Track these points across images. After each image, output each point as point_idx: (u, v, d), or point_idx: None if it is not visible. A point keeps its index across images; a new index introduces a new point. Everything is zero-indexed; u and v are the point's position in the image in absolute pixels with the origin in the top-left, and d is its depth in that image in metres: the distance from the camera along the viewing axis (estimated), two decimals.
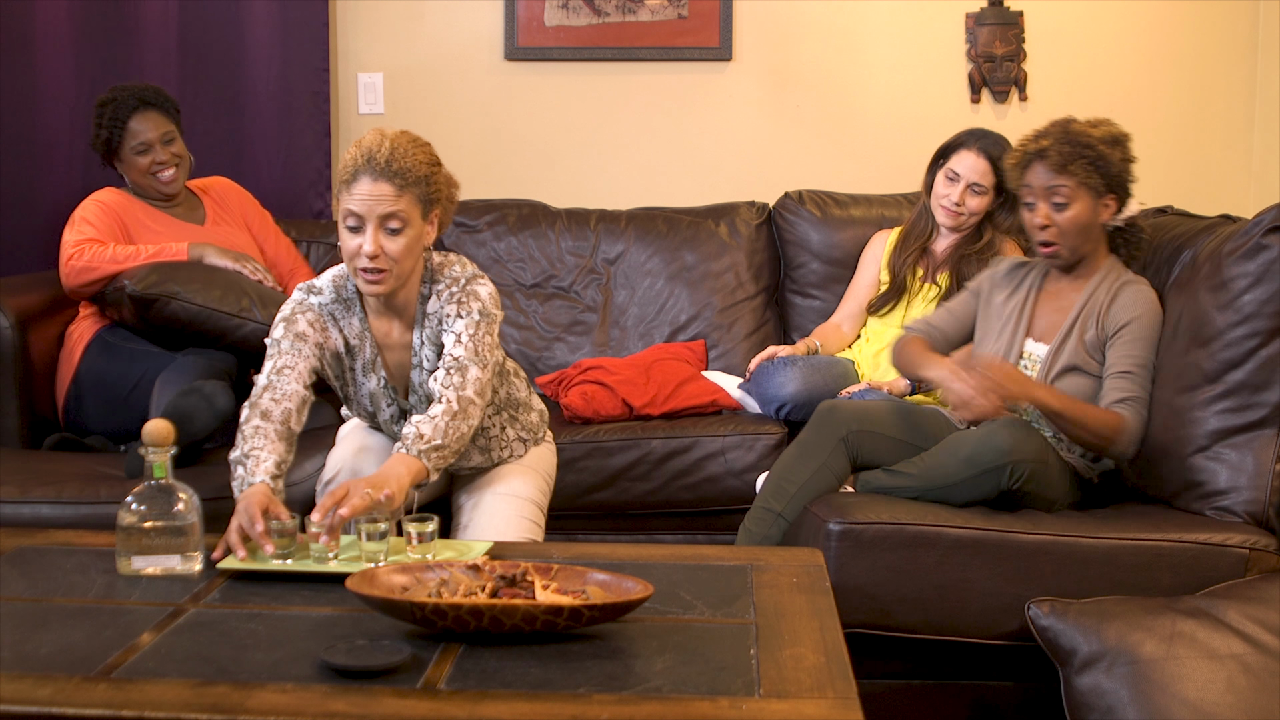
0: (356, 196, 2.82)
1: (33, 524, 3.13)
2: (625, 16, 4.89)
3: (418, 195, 2.87)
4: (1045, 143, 3.22)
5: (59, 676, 1.94)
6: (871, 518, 2.95)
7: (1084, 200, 3.20)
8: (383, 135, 2.87)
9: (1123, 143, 3.23)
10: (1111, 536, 2.90)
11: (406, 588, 2.21)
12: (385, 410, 3.07)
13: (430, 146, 2.96)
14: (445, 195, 3.00)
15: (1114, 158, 3.20)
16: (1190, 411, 3.02)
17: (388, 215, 2.82)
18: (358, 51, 4.96)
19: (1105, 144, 3.19)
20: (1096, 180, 3.19)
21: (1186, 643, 2.57)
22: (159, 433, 2.44)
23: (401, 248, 2.84)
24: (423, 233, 2.91)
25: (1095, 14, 4.90)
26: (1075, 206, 3.20)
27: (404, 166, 2.83)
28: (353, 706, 1.84)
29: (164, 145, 4.06)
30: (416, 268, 2.96)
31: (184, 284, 3.69)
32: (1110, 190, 3.22)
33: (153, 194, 4.09)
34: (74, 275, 3.82)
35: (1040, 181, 3.22)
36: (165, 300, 3.67)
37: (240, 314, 3.72)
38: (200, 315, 3.69)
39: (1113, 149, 3.20)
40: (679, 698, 1.87)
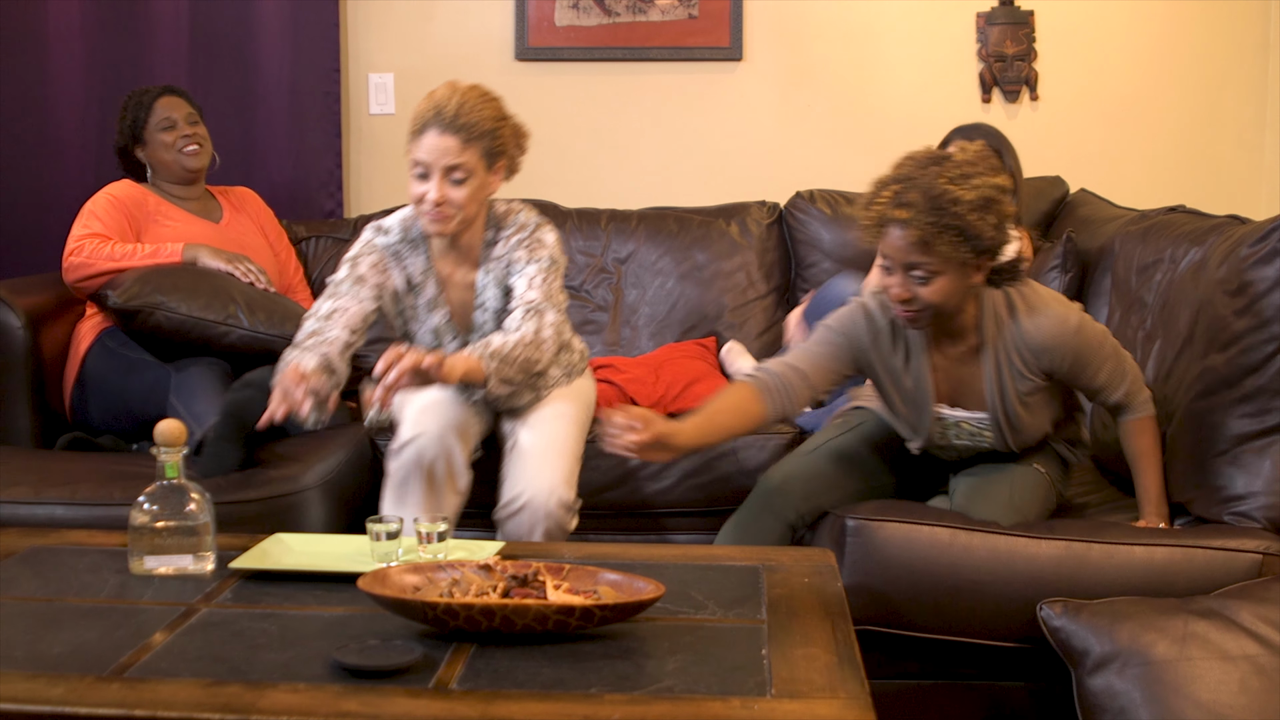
0: (424, 147, 3.06)
1: (46, 525, 3.14)
2: (636, 16, 4.89)
3: (482, 149, 3.08)
4: (905, 214, 2.76)
5: (71, 676, 1.94)
6: (887, 515, 2.94)
7: (950, 274, 2.81)
8: (454, 89, 3.09)
9: (997, 202, 2.78)
10: (1125, 542, 2.89)
11: (418, 588, 2.21)
12: (449, 345, 3.27)
13: (500, 101, 3.16)
14: (512, 147, 3.19)
15: (985, 226, 2.75)
16: (1208, 416, 3.00)
17: (452, 167, 3.05)
18: (368, 52, 4.96)
19: (976, 210, 2.74)
20: (965, 253, 2.78)
21: (1199, 644, 2.56)
22: (171, 432, 2.45)
23: (465, 196, 3.07)
24: (486, 182, 3.13)
25: (1106, 13, 4.90)
26: (939, 281, 2.81)
27: (470, 121, 3.05)
28: (365, 706, 1.84)
29: (189, 124, 4.12)
30: (481, 212, 3.19)
31: (168, 293, 3.69)
32: (980, 255, 2.81)
33: (176, 174, 4.10)
34: (70, 271, 3.84)
35: (898, 256, 2.82)
36: (149, 311, 3.67)
37: (226, 321, 3.72)
38: (185, 324, 3.70)
39: (985, 215, 2.75)
40: (691, 698, 1.87)
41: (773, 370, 3.02)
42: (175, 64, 4.70)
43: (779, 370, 3.02)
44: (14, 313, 3.74)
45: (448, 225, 3.10)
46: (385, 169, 4.98)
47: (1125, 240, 3.54)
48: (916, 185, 2.77)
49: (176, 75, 4.67)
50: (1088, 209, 4.36)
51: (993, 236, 2.78)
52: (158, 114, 4.08)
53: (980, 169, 2.80)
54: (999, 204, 2.78)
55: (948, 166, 2.78)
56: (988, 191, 2.76)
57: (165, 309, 3.68)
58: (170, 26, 4.71)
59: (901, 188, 2.78)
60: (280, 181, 4.82)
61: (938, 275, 2.80)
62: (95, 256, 3.81)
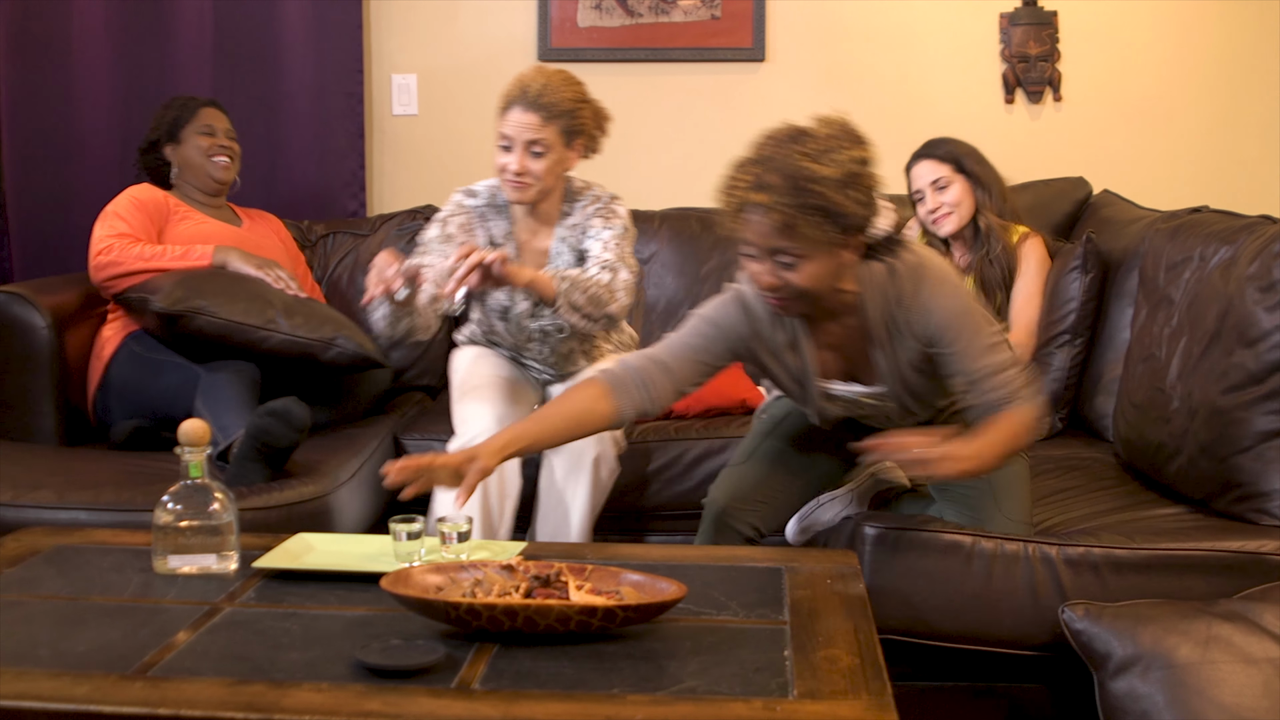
0: (509, 123, 3.43)
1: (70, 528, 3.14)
2: (658, 17, 4.89)
3: (561, 127, 3.43)
4: (765, 197, 2.58)
5: (96, 674, 1.95)
6: (908, 524, 2.94)
7: (818, 256, 2.64)
8: (540, 71, 3.48)
9: (860, 176, 2.61)
10: (1146, 547, 2.88)
11: (441, 588, 2.21)
12: (520, 304, 3.59)
13: (582, 86, 3.52)
14: (592, 126, 3.54)
15: (850, 203, 2.59)
16: (1234, 412, 2.99)
17: (532, 141, 3.41)
18: (391, 53, 4.97)
19: (840, 188, 2.57)
20: (831, 233, 2.60)
21: (1223, 647, 2.55)
22: (195, 432, 2.45)
23: (543, 168, 3.44)
24: (565, 157, 3.49)
25: (1130, 13, 4.88)
26: (808, 265, 2.64)
27: (551, 101, 3.41)
28: (387, 706, 1.85)
29: (226, 137, 4.15)
30: (559, 185, 3.55)
31: (210, 298, 3.68)
32: (849, 233, 2.64)
33: (201, 180, 4.11)
34: (99, 270, 3.83)
35: (762, 241, 2.64)
36: (191, 316, 3.66)
37: (266, 326, 3.71)
38: (227, 329, 3.68)
39: (849, 190, 2.59)
40: (713, 698, 1.87)
41: (631, 364, 2.85)
42: (200, 66, 4.72)
43: (638, 364, 2.85)
44: (39, 312, 3.76)
45: (526, 193, 3.46)
46: (408, 169, 4.99)
47: (1154, 238, 3.53)
48: (775, 165, 2.59)
49: (201, 77, 4.69)
50: (1110, 210, 4.35)
51: (860, 213, 2.62)
52: (201, 120, 4.11)
53: (842, 143, 2.62)
54: (863, 178, 2.61)
55: (807, 143, 2.60)
56: (850, 166, 2.59)
57: (207, 313, 3.67)
58: (194, 28, 4.72)
59: (760, 169, 2.60)
60: (303, 182, 4.83)
61: (805, 259, 2.63)
62: (124, 256, 3.81)
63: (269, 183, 4.81)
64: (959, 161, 4.00)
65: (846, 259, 2.69)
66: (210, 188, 4.13)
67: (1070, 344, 3.89)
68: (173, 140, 4.11)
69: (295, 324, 3.74)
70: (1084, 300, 3.86)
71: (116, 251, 3.81)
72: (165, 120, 4.11)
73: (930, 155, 4.04)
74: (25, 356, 3.76)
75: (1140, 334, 3.44)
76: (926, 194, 4.00)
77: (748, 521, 3.08)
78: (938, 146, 4.05)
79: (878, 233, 2.73)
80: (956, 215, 3.97)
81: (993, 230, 3.96)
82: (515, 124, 3.42)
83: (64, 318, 3.84)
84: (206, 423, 3.31)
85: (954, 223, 3.98)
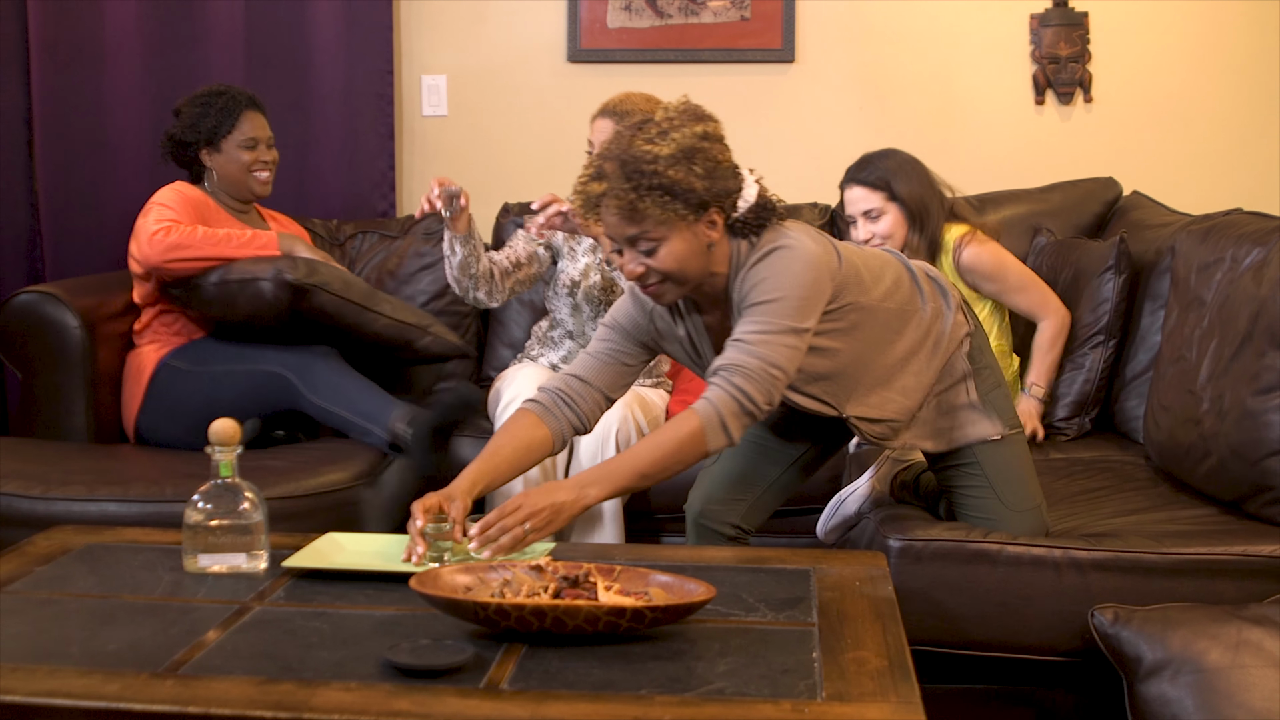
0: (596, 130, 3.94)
1: (99, 522, 3.17)
2: (687, 18, 4.89)
3: None
4: (603, 186, 2.60)
5: (126, 672, 1.96)
6: (932, 535, 2.92)
7: (675, 237, 2.62)
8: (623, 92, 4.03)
9: (701, 151, 2.60)
10: (1175, 551, 2.87)
11: (469, 588, 2.22)
12: (593, 276, 4.01)
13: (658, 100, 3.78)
14: None
15: (693, 178, 2.58)
16: (1265, 415, 2.97)
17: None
18: (421, 53, 4.98)
19: (678, 163, 2.57)
20: (680, 210, 2.59)
21: (1253, 651, 2.54)
22: (225, 431, 2.46)
23: None
24: None
25: (1162, 13, 4.86)
26: (666, 247, 2.62)
27: (626, 110, 3.85)
28: (416, 706, 1.85)
29: (268, 148, 4.08)
30: None
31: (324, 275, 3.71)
32: (700, 209, 2.62)
33: (241, 193, 4.04)
34: (167, 251, 3.69)
35: (616, 231, 2.63)
36: (315, 290, 3.67)
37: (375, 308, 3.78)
38: (343, 309, 3.72)
39: (690, 165, 2.58)
40: (741, 700, 1.87)
41: (550, 387, 2.84)
42: (231, 68, 4.73)
43: (558, 385, 2.84)
44: (71, 312, 3.78)
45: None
46: (438, 170, 4.99)
47: (1185, 240, 3.51)
48: (612, 154, 2.61)
49: (232, 78, 4.70)
50: (1140, 213, 4.33)
51: (705, 187, 2.59)
52: (244, 129, 4.00)
53: (680, 120, 2.63)
54: (704, 151, 2.60)
55: (646, 127, 2.62)
56: (688, 141, 2.59)
57: (329, 290, 3.69)
58: (225, 30, 4.74)
59: (600, 161, 2.62)
60: (333, 183, 4.85)
61: (662, 241, 2.61)
62: (190, 239, 3.71)
63: (299, 183, 4.82)
64: (890, 187, 3.85)
65: (709, 236, 2.65)
66: (247, 198, 4.08)
67: (1103, 345, 3.88)
68: (211, 146, 4.01)
69: (396, 308, 3.79)
70: (1116, 302, 3.85)
71: (180, 233, 3.71)
72: (205, 124, 3.98)
73: (862, 181, 3.90)
74: (57, 356, 3.78)
75: (1171, 336, 3.43)
76: (859, 221, 3.89)
77: (727, 521, 3.07)
78: (869, 170, 3.90)
79: (744, 204, 2.69)
80: (890, 244, 3.87)
81: (936, 243, 3.88)
82: (596, 129, 3.92)
83: (96, 318, 3.85)
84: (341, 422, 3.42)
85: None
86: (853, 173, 3.94)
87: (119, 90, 4.54)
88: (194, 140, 4.01)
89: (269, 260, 3.71)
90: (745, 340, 2.62)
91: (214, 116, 3.98)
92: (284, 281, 3.64)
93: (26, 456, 3.49)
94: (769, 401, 2.61)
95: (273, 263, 3.68)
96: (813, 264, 2.68)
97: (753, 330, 2.62)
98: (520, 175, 4.92)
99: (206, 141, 4.00)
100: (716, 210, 2.64)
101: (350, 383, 3.67)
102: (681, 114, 2.66)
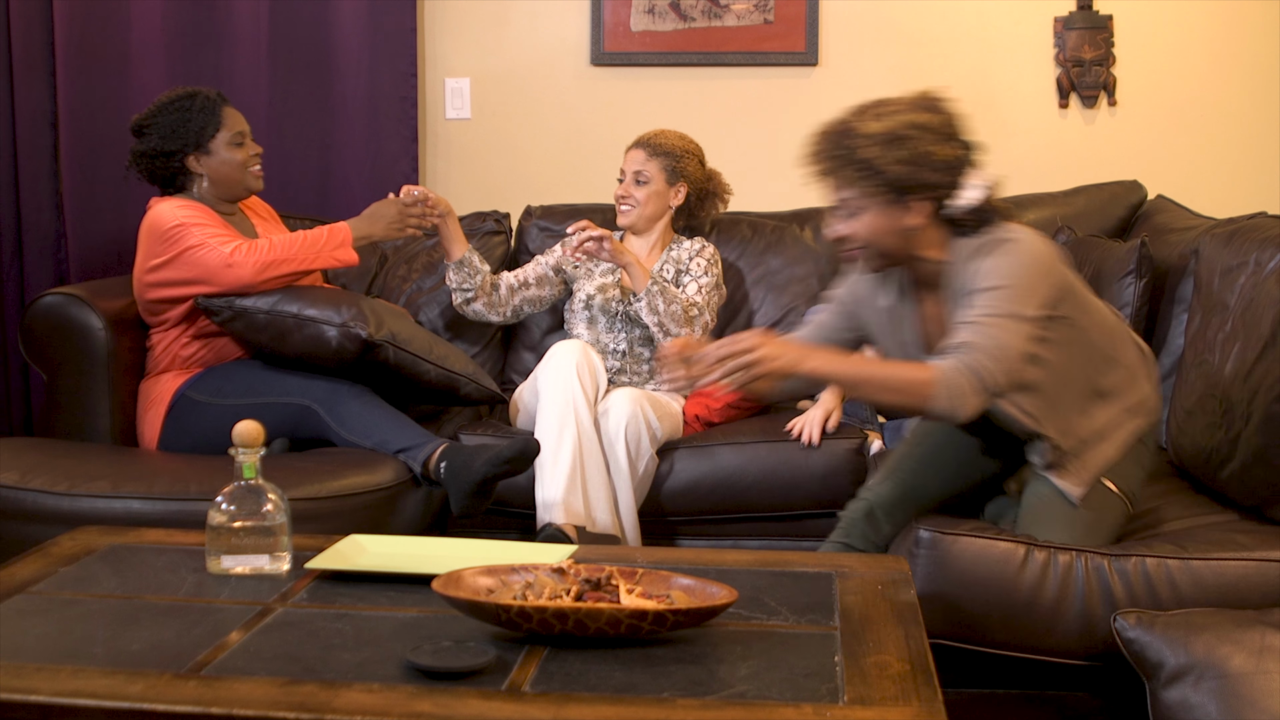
0: (625, 159, 4.22)
1: (124, 519, 3.20)
2: (711, 21, 4.89)
3: (663, 164, 4.19)
4: (811, 155, 2.84)
5: (150, 673, 1.97)
6: (962, 530, 2.92)
7: (873, 211, 2.77)
8: (661, 129, 4.25)
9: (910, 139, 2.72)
10: (1198, 556, 2.86)
11: (492, 590, 2.22)
12: (611, 291, 4.17)
13: (695, 143, 4.29)
14: (698, 176, 4.28)
15: (890, 161, 2.71)
16: None
17: (638, 171, 4.20)
18: (445, 56, 5.00)
19: (879, 144, 2.72)
20: (877, 187, 2.74)
21: (1276, 657, 2.53)
22: (249, 433, 2.47)
23: (644, 195, 4.20)
24: (664, 192, 4.23)
25: (1186, 16, 4.85)
26: (863, 217, 2.77)
27: (659, 142, 4.20)
28: (438, 707, 1.85)
29: (252, 140, 3.96)
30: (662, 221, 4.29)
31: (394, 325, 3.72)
32: (901, 194, 2.74)
33: (235, 192, 3.92)
34: (258, 271, 3.64)
35: (827, 195, 2.84)
36: (387, 346, 3.67)
37: (430, 358, 3.78)
38: (406, 361, 3.73)
39: (890, 149, 2.71)
40: (762, 703, 1.87)
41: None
42: (255, 71, 4.75)
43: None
44: (96, 314, 3.79)
45: (628, 216, 4.22)
46: (461, 174, 5.02)
47: (1209, 243, 3.50)
48: (831, 124, 2.81)
49: (256, 80, 4.73)
50: (1164, 217, 4.31)
51: (905, 173, 2.71)
52: (230, 126, 3.88)
53: (903, 107, 2.77)
54: (912, 139, 2.71)
55: (871, 106, 2.80)
56: (897, 127, 2.72)
57: (397, 343, 3.69)
58: (250, 33, 4.76)
59: (822, 128, 2.82)
60: (357, 185, 4.86)
61: (861, 211, 2.77)
62: (275, 253, 3.67)
63: (322, 186, 4.84)
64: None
65: (909, 220, 2.77)
66: (240, 196, 3.97)
67: None
68: (200, 149, 3.87)
69: (447, 355, 3.84)
70: (1138, 306, 3.83)
71: (264, 250, 3.66)
72: (189, 130, 3.84)
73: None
74: (82, 358, 3.79)
75: (1194, 339, 3.42)
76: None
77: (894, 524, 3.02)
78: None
79: (959, 203, 2.77)
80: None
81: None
82: (629, 159, 4.22)
83: (121, 320, 3.86)
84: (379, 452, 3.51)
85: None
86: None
87: (144, 93, 4.55)
88: (178, 148, 3.86)
89: (332, 304, 3.66)
90: (975, 322, 2.71)
91: (197, 119, 3.85)
92: (355, 335, 3.62)
93: (52, 454, 3.51)
94: (1007, 377, 2.69)
95: (337, 308, 3.64)
96: (1039, 258, 2.78)
97: (980, 313, 2.71)
98: (543, 178, 4.93)
99: (195, 146, 3.86)
100: (919, 199, 2.75)
101: (381, 417, 3.63)
102: (908, 101, 2.79)
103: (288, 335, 3.67)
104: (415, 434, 3.57)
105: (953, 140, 2.76)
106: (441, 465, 3.46)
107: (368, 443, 3.55)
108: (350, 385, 3.69)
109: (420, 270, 4.57)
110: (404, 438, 3.55)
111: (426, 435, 3.59)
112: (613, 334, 4.18)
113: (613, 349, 4.17)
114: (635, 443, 3.71)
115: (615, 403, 3.77)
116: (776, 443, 3.84)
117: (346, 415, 3.62)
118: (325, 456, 3.57)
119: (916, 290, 2.94)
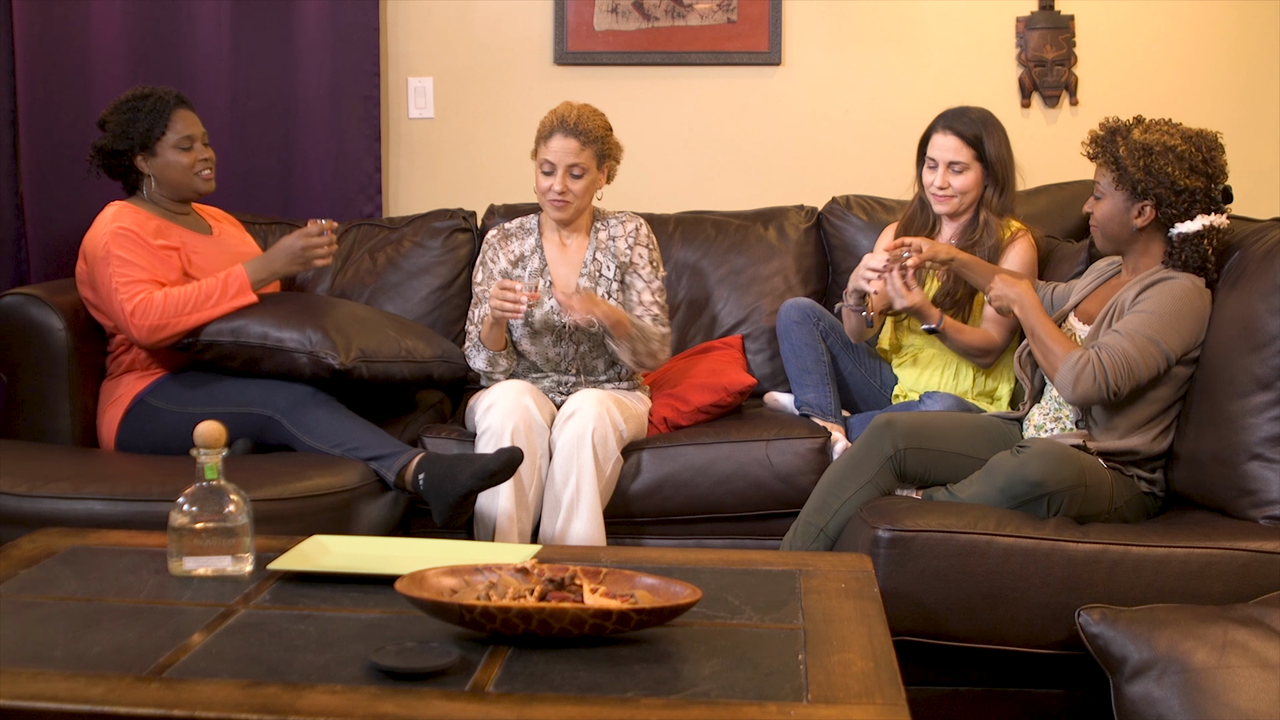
0: (551, 149, 3.89)
1: (85, 520, 3.17)
2: (674, 21, 4.89)
3: (595, 151, 3.92)
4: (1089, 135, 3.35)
5: (111, 675, 1.96)
6: (921, 525, 2.93)
7: (1110, 200, 3.29)
8: (570, 105, 3.95)
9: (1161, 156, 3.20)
10: (1162, 545, 2.89)
11: (455, 590, 2.22)
12: (546, 304, 3.91)
13: (605, 117, 4.00)
14: (616, 153, 4.02)
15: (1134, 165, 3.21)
16: (1243, 418, 2.99)
17: (572, 164, 3.89)
18: (408, 55, 4.98)
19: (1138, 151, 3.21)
20: (1118, 179, 3.25)
21: (1239, 652, 2.55)
22: (211, 434, 2.46)
23: (582, 188, 3.92)
24: (597, 179, 3.97)
25: (1148, 17, 4.87)
26: (1103, 203, 3.31)
27: (588, 128, 3.90)
28: (401, 708, 1.85)
29: (204, 145, 3.94)
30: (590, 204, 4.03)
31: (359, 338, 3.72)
32: (1137, 196, 3.23)
33: (184, 194, 3.92)
34: (151, 333, 3.64)
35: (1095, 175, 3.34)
36: (363, 366, 3.68)
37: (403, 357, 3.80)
38: (387, 371, 3.75)
39: (1143, 157, 3.20)
40: (727, 702, 1.87)
41: None
42: (216, 69, 4.72)
43: None
44: (56, 315, 3.76)
45: (567, 211, 3.93)
46: (424, 173, 5.00)
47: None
48: (1111, 123, 3.33)
49: (217, 80, 4.70)
50: None
51: (1141, 180, 3.19)
52: (177, 129, 3.86)
53: (1171, 129, 3.25)
54: (1159, 156, 3.19)
55: (1152, 121, 3.30)
56: (1154, 142, 3.21)
57: (368, 358, 3.70)
58: (210, 32, 4.73)
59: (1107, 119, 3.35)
60: (320, 184, 4.83)
61: (1103, 198, 3.30)
62: (168, 315, 3.64)
63: (285, 185, 4.81)
64: (981, 144, 3.94)
65: (1135, 220, 3.26)
66: (189, 198, 3.97)
67: None
68: (146, 150, 3.87)
69: (415, 346, 3.84)
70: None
71: (157, 311, 3.64)
72: (136, 130, 3.84)
73: (957, 131, 3.96)
74: (42, 358, 3.76)
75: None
76: (940, 168, 3.95)
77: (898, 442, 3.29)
78: (966, 122, 3.97)
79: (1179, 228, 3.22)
80: (958, 201, 3.93)
81: (989, 225, 3.93)
82: (557, 150, 3.88)
83: (81, 320, 3.83)
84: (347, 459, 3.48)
85: (952, 207, 3.95)
86: (949, 119, 4.00)
87: (105, 92, 4.51)
88: (127, 148, 3.87)
89: (296, 325, 3.67)
90: (1124, 332, 3.14)
91: (144, 120, 3.85)
92: (326, 365, 3.64)
93: (13, 455, 3.49)
94: (1116, 385, 3.11)
95: (303, 330, 3.66)
96: (1198, 309, 3.19)
97: (1132, 328, 3.14)
98: (507, 177, 4.92)
99: (141, 147, 3.86)
100: (1150, 206, 3.23)
101: (348, 425, 3.60)
102: (1181, 130, 3.27)
103: (259, 361, 3.68)
104: (386, 443, 3.55)
105: (1196, 174, 3.20)
106: (420, 476, 3.44)
107: (337, 451, 3.53)
108: (314, 392, 3.67)
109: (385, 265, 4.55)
110: (374, 446, 3.53)
111: (398, 444, 3.57)
112: (560, 347, 3.96)
113: (564, 366, 3.99)
114: (602, 444, 3.67)
115: (581, 404, 3.72)
116: (740, 443, 3.84)
117: (312, 423, 3.60)
118: (289, 458, 3.54)
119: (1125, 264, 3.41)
